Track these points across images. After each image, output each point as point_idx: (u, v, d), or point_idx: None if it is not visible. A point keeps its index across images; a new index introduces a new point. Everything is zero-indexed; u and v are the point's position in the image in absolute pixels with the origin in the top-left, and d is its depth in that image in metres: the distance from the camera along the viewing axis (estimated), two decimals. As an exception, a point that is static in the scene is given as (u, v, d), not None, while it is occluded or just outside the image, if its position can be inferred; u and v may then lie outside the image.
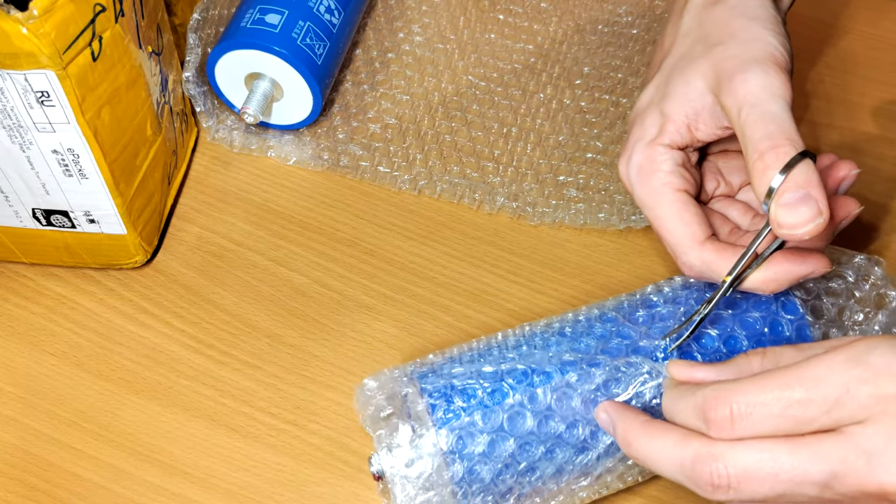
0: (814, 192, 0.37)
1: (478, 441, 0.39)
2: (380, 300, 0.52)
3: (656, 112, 0.44)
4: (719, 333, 0.43)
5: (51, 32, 0.39)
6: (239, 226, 0.54)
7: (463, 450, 0.39)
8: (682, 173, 0.43)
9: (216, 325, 0.50)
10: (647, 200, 0.44)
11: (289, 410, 0.48)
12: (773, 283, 0.41)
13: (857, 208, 0.42)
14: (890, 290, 0.45)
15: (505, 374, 0.41)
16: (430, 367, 0.42)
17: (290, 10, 0.54)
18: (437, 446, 0.39)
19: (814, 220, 0.36)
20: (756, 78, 0.40)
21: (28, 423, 0.47)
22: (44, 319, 0.50)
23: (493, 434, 0.40)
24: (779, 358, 0.36)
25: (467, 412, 0.40)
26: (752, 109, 0.39)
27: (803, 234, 0.37)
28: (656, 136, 0.43)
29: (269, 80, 0.54)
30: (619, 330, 0.43)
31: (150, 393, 0.48)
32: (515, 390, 0.40)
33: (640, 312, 0.44)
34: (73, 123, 0.42)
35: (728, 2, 0.43)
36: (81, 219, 0.48)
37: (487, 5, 0.65)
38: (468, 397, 0.40)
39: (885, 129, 0.61)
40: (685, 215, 0.42)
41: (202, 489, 0.45)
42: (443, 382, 0.41)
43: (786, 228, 0.37)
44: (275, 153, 0.57)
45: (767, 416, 0.33)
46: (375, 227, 0.55)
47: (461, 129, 0.59)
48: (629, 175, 0.44)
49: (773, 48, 0.41)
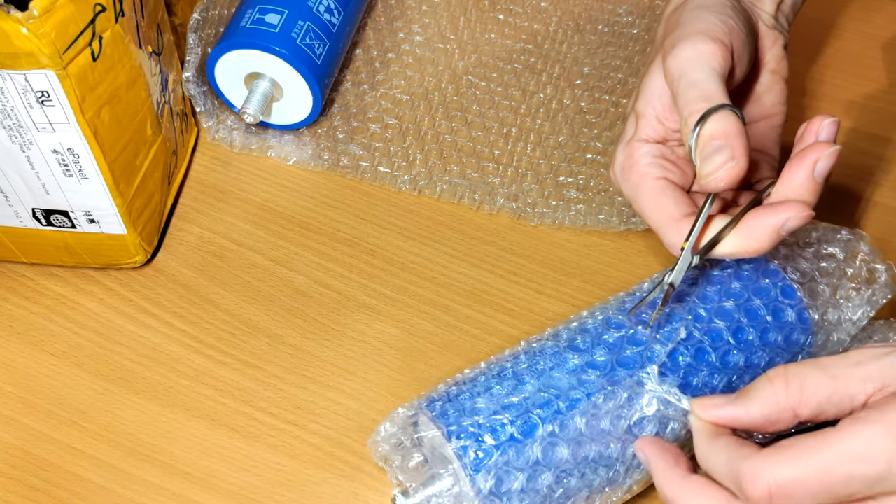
0: (728, 140, 0.38)
1: (515, 477, 0.38)
2: (380, 300, 0.52)
3: (632, 114, 0.46)
4: (727, 325, 0.43)
5: (51, 32, 0.39)
6: (239, 226, 0.54)
7: (501, 488, 0.38)
8: (662, 164, 0.44)
9: (216, 325, 0.50)
10: (630, 194, 0.45)
11: (289, 410, 0.48)
12: (748, 240, 0.40)
13: (831, 148, 0.40)
14: (878, 265, 0.46)
15: (530, 405, 0.40)
16: (448, 403, 0.41)
17: (290, 9, 0.54)
18: (477, 491, 0.38)
19: (725, 165, 0.38)
20: (683, 51, 0.41)
21: (28, 423, 0.47)
22: (44, 319, 0.50)
23: (530, 469, 0.39)
24: (803, 382, 0.35)
25: (499, 450, 0.39)
26: (678, 81, 0.41)
27: (718, 180, 0.38)
28: (633, 134, 0.45)
29: (269, 80, 0.54)
30: (630, 336, 0.42)
31: (150, 393, 0.48)
32: (544, 420, 0.39)
33: (645, 314, 0.43)
34: (73, 123, 0.42)
35: (684, 5, 0.45)
36: (81, 219, 0.48)
37: (487, 5, 0.65)
38: (497, 434, 0.39)
39: (885, 129, 0.61)
40: (661, 199, 0.43)
41: (202, 489, 0.45)
42: (468, 421, 0.39)
43: (703, 178, 0.38)
44: (275, 153, 0.57)
45: (808, 496, 0.32)
46: (375, 227, 0.55)
47: (461, 129, 0.59)
48: (615, 175, 0.46)
49: (709, 23, 0.42)
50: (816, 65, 0.64)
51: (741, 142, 0.38)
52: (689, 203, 0.43)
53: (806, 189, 0.40)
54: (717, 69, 0.41)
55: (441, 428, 0.39)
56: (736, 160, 0.38)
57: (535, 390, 0.40)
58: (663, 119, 0.44)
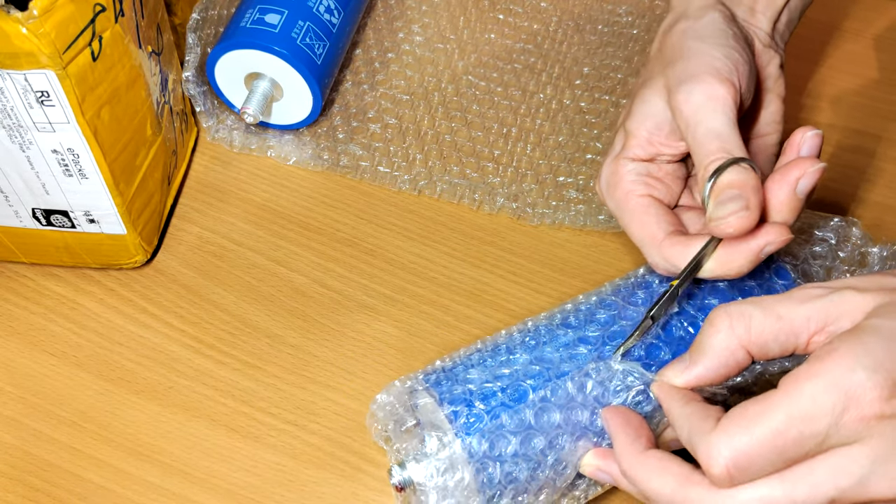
0: (744, 191, 0.38)
1: (508, 441, 0.39)
2: (380, 300, 0.52)
3: (621, 130, 0.46)
4: (720, 303, 0.43)
5: (51, 32, 0.39)
6: (239, 226, 0.54)
7: (493, 451, 0.39)
8: (647, 181, 0.45)
9: (216, 325, 0.50)
10: (614, 210, 0.45)
11: (289, 410, 0.48)
12: (729, 264, 0.41)
13: (815, 166, 0.40)
14: (870, 248, 0.46)
15: (521, 375, 0.41)
16: (442, 374, 0.42)
17: (290, 9, 0.54)
18: (466, 452, 0.39)
19: (738, 213, 0.38)
20: (694, 95, 0.41)
21: (28, 423, 0.47)
22: (44, 319, 0.50)
23: (523, 433, 0.39)
24: (749, 322, 0.36)
25: (490, 414, 0.39)
26: (695, 128, 0.41)
27: (728, 226, 0.38)
28: (620, 151, 0.45)
29: (269, 80, 0.54)
30: (620, 313, 0.43)
31: (150, 393, 0.48)
32: (535, 388, 0.40)
33: (639, 294, 0.44)
34: (72, 123, 0.42)
35: (681, 25, 0.45)
36: (81, 219, 0.48)
37: (487, 5, 0.65)
38: (488, 399, 0.40)
39: (883, 129, 0.61)
40: (645, 217, 0.44)
41: (202, 489, 0.45)
42: (460, 389, 0.40)
43: (714, 221, 0.39)
44: (275, 153, 0.57)
45: (765, 463, 0.33)
46: (375, 227, 0.55)
47: (461, 129, 0.59)
48: (601, 189, 0.46)
49: (716, 60, 0.42)
50: (817, 65, 0.64)
51: (757, 196, 0.39)
52: (672, 221, 0.44)
53: (787, 207, 0.40)
54: (730, 116, 0.41)
55: (434, 395, 0.40)
56: (750, 211, 0.38)
57: (527, 362, 0.41)
58: (655, 142, 0.44)
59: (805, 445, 0.32)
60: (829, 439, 0.32)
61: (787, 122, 0.55)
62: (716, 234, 0.39)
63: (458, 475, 0.39)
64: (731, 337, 0.36)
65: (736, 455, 0.33)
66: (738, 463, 0.33)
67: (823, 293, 0.35)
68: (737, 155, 0.40)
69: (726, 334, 0.36)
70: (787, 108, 0.48)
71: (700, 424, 0.35)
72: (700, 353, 0.37)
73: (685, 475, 0.35)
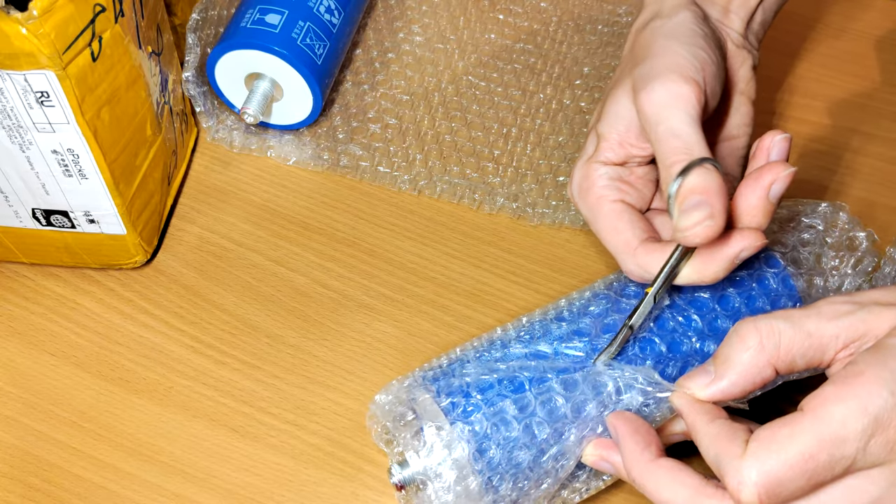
0: (708, 197, 0.37)
1: (505, 427, 0.39)
2: (380, 300, 0.52)
3: (593, 133, 0.46)
4: (711, 295, 0.43)
5: (50, 33, 0.39)
6: (239, 226, 0.54)
7: (491, 437, 0.39)
8: (619, 186, 0.44)
9: (216, 325, 0.50)
10: (587, 215, 0.45)
11: (289, 410, 0.48)
12: (703, 271, 0.40)
13: (786, 171, 0.40)
14: (858, 232, 0.47)
15: (518, 368, 0.41)
16: (439, 370, 0.42)
17: (290, 10, 0.54)
18: (464, 437, 0.39)
19: (703, 223, 0.37)
20: (655, 93, 0.41)
21: (28, 423, 0.47)
22: (44, 319, 0.50)
23: (522, 419, 0.40)
24: (779, 339, 0.35)
25: (487, 403, 0.40)
26: (656, 127, 0.40)
27: (695, 237, 0.38)
28: (592, 154, 0.45)
29: (269, 80, 0.54)
30: (613, 306, 0.43)
31: (150, 393, 0.48)
32: (532, 381, 0.40)
33: (631, 287, 0.44)
34: (72, 123, 0.42)
35: (652, 24, 0.45)
36: (81, 219, 0.48)
37: (487, 5, 0.65)
38: (485, 391, 0.40)
39: (879, 128, 0.61)
40: (618, 224, 0.43)
41: (202, 489, 0.45)
42: (457, 382, 0.41)
43: (680, 232, 0.38)
44: (275, 153, 0.57)
45: (795, 488, 0.33)
46: (375, 227, 0.55)
47: (461, 129, 0.59)
48: (572, 193, 0.46)
49: (681, 58, 0.42)
50: (811, 63, 0.64)
51: (721, 200, 0.38)
52: (646, 228, 0.44)
53: (760, 211, 0.40)
54: (693, 115, 0.40)
55: (431, 389, 0.40)
56: (714, 219, 0.38)
57: (522, 356, 0.41)
58: (626, 144, 0.44)
59: (834, 469, 0.32)
60: (856, 463, 0.32)
61: (784, 122, 0.55)
62: (684, 244, 0.39)
63: (456, 461, 0.39)
64: (760, 354, 0.35)
65: (767, 480, 0.33)
66: (769, 488, 0.33)
67: (851, 309, 0.35)
68: (699, 155, 0.39)
69: (756, 351, 0.35)
70: (786, 109, 0.49)
71: (728, 447, 0.34)
72: (727, 368, 0.36)
73: (698, 487, 0.35)
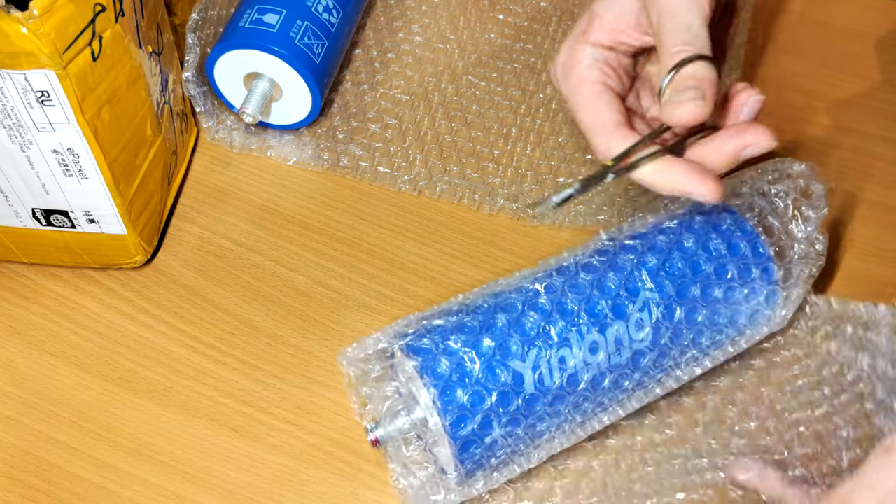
0: (703, 85, 0.40)
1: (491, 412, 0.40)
2: (380, 300, 0.52)
3: (587, 13, 0.46)
4: (683, 256, 0.44)
5: (51, 32, 0.39)
6: (239, 226, 0.54)
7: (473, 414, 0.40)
8: (604, 69, 0.45)
9: (216, 325, 0.50)
10: (566, 93, 0.45)
11: (289, 410, 0.48)
12: (663, 173, 0.41)
13: (766, 143, 0.41)
14: (815, 184, 0.47)
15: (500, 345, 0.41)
16: (422, 335, 0.42)
17: (289, 9, 0.54)
18: (434, 403, 0.40)
19: (694, 100, 0.39)
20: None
21: (28, 423, 0.47)
22: (44, 319, 0.50)
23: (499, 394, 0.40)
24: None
25: (467, 383, 0.40)
26: (668, 18, 0.42)
27: (683, 113, 0.39)
28: (581, 33, 0.45)
29: (268, 80, 0.54)
30: (596, 281, 0.43)
31: (150, 393, 0.48)
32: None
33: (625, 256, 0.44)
34: (73, 123, 0.42)
35: None
36: (81, 219, 0.48)
37: (487, 5, 0.65)
38: (466, 368, 0.40)
39: (880, 128, 0.61)
40: (598, 104, 0.44)
41: (202, 489, 0.45)
42: (442, 357, 0.41)
43: (668, 107, 0.40)
44: (275, 153, 0.57)
45: None
46: (375, 227, 0.55)
47: (461, 129, 0.59)
48: (556, 73, 0.46)
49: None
50: (813, 64, 0.64)
51: (713, 91, 0.40)
52: (623, 112, 0.44)
53: (724, 165, 0.42)
54: (704, 16, 0.42)
55: (414, 361, 0.41)
56: (705, 101, 0.40)
57: (505, 336, 0.41)
58: (618, 30, 0.45)
59: None
60: None
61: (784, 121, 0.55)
62: (668, 120, 0.41)
63: (434, 445, 0.40)
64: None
65: None
66: None
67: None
68: (703, 52, 0.41)
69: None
70: (786, 109, 0.48)
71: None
72: None
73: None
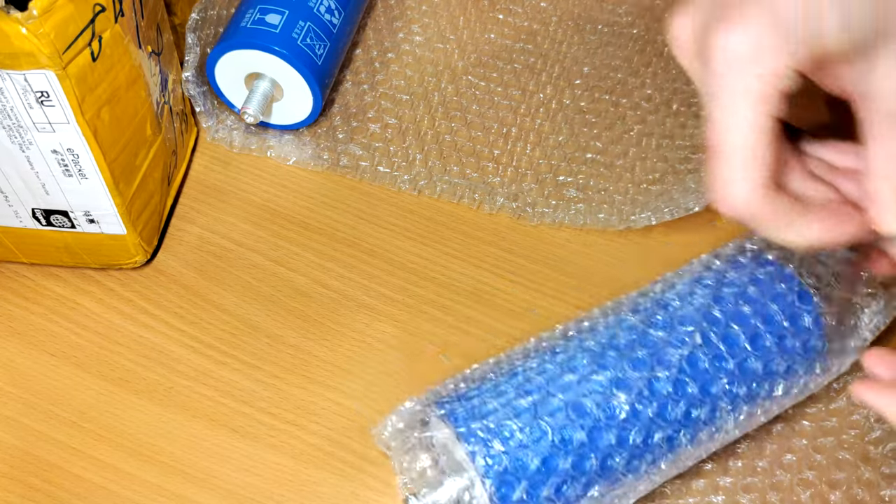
0: None
1: (536, 478, 0.38)
2: (380, 300, 0.52)
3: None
4: (744, 330, 0.42)
5: (50, 32, 0.39)
6: (239, 226, 0.54)
7: (513, 494, 0.38)
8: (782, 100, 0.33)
9: (216, 325, 0.50)
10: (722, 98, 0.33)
11: (289, 410, 0.48)
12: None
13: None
14: None
15: (541, 411, 0.39)
16: (456, 400, 0.40)
17: (291, 10, 0.54)
18: (489, 496, 0.38)
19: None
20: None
21: (28, 423, 0.47)
22: (44, 319, 0.50)
23: (545, 468, 0.39)
24: None
25: (509, 455, 0.38)
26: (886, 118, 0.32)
27: None
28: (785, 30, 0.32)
29: (269, 80, 0.54)
30: (640, 339, 0.41)
31: (150, 393, 0.48)
32: (553, 428, 0.39)
33: (658, 316, 0.42)
34: (72, 123, 0.42)
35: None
36: (81, 219, 0.48)
37: (487, 5, 0.65)
38: (507, 439, 0.38)
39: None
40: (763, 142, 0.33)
41: (202, 489, 0.45)
42: (478, 424, 0.39)
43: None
44: (275, 153, 0.57)
45: None
46: (375, 227, 0.55)
47: (461, 129, 0.59)
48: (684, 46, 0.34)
49: None
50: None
51: None
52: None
53: None
54: None
55: (452, 429, 0.39)
56: None
57: (546, 394, 0.40)
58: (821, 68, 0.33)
59: None
60: None
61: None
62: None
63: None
64: None
65: None
66: None
67: None
68: None
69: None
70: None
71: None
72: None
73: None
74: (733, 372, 0.41)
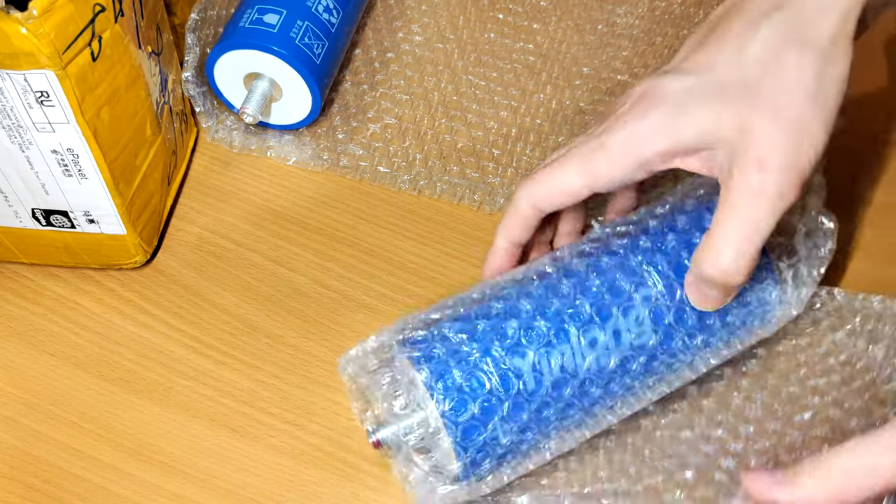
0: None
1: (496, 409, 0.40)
2: (380, 300, 0.52)
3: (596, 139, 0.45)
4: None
5: (50, 32, 0.39)
6: (239, 226, 0.54)
7: (477, 418, 0.39)
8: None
9: (216, 325, 0.50)
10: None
11: (289, 410, 0.48)
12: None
13: None
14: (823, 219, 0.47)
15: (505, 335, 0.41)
16: (425, 332, 0.42)
17: (289, 9, 0.54)
18: (439, 415, 0.39)
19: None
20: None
21: (28, 423, 0.47)
22: (44, 320, 0.50)
23: (510, 399, 0.40)
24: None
25: (469, 381, 0.40)
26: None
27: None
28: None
29: (268, 80, 0.54)
30: (594, 267, 0.43)
31: (150, 393, 0.48)
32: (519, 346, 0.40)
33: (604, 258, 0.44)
34: (72, 123, 0.42)
35: None
36: (81, 219, 0.48)
37: (487, 5, 0.65)
38: (461, 359, 0.40)
39: (883, 129, 0.61)
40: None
41: (202, 489, 0.45)
42: (438, 351, 0.40)
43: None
44: (275, 153, 0.57)
45: None
46: (375, 227, 0.55)
47: (461, 129, 0.59)
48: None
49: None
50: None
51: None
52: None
53: None
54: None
55: (413, 360, 0.40)
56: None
57: (503, 319, 0.41)
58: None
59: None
60: None
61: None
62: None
63: (435, 435, 0.40)
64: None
65: None
66: None
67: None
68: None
69: None
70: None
71: None
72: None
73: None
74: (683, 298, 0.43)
